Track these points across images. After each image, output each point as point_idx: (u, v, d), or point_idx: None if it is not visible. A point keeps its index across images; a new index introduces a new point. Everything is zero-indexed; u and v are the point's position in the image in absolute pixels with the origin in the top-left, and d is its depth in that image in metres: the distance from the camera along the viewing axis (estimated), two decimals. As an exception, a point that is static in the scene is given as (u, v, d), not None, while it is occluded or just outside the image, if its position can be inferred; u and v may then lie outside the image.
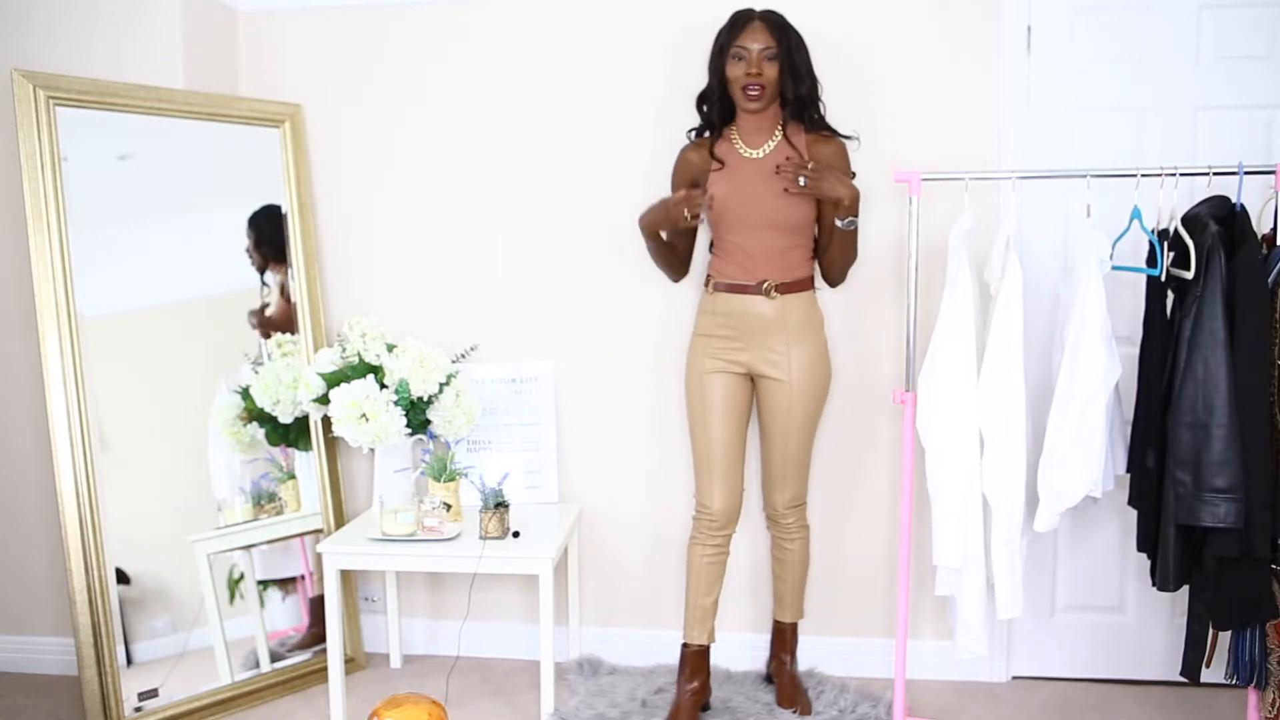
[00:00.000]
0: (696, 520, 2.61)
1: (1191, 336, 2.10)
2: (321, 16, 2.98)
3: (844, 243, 2.55)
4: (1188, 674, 2.28)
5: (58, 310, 2.54)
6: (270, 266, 2.92)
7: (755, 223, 2.50)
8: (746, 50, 2.42)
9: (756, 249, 2.51)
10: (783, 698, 2.70)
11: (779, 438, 2.60)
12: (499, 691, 2.86)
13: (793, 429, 2.58)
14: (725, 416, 2.56)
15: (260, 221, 2.90)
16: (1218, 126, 2.66)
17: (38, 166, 2.53)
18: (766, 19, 2.44)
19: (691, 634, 2.61)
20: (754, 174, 2.51)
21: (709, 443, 2.56)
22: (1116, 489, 2.46)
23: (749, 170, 2.51)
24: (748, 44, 2.42)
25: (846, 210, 2.44)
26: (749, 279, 2.53)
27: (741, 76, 2.43)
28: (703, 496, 2.58)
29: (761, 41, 2.41)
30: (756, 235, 2.51)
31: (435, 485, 2.74)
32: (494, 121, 2.95)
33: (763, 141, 2.53)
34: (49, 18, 2.81)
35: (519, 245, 2.97)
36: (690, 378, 2.62)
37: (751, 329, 2.54)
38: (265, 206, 2.92)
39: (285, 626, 2.91)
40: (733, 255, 2.54)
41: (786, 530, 2.69)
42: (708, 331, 2.59)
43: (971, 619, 2.40)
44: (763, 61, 2.42)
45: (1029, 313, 2.41)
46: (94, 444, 2.57)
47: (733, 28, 2.45)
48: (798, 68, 2.46)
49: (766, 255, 2.52)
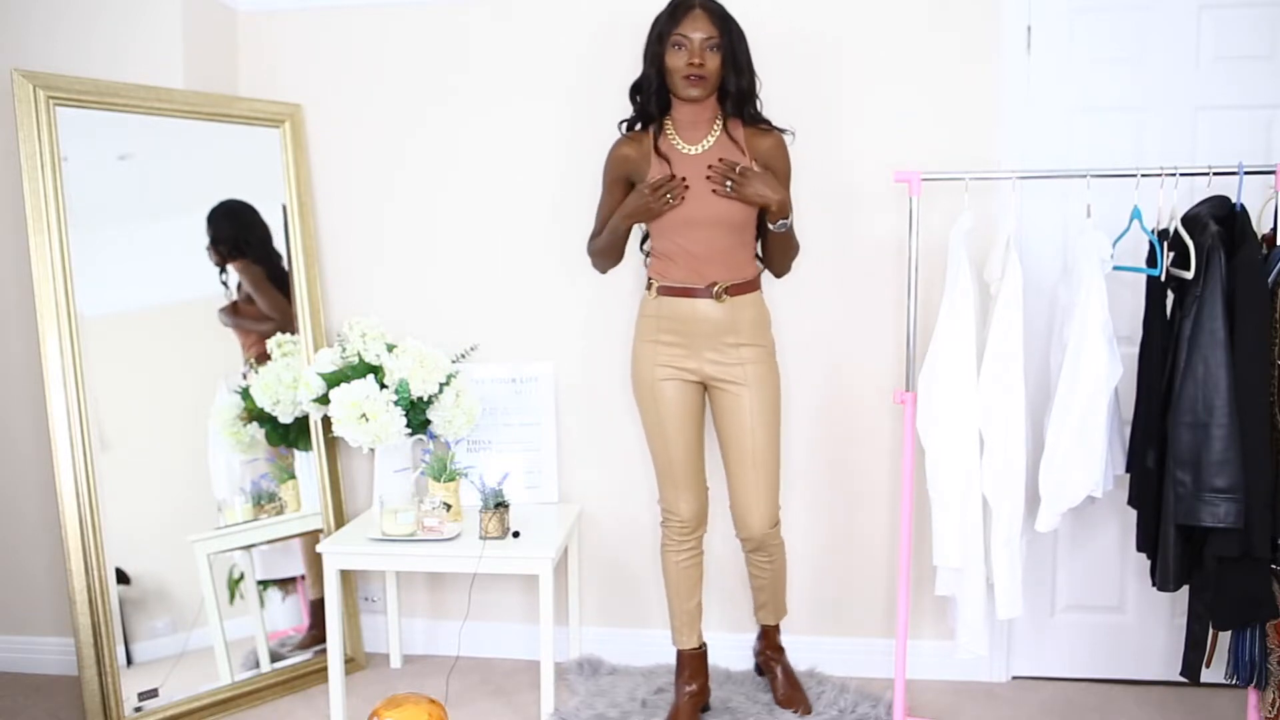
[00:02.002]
0: (666, 527, 2.58)
1: (1191, 336, 2.10)
2: (322, 16, 2.98)
3: (781, 242, 2.49)
4: (1188, 674, 2.28)
5: (58, 310, 2.54)
6: (230, 263, 2.87)
7: (700, 221, 2.40)
8: (687, 39, 2.31)
9: (701, 249, 2.41)
10: (784, 698, 2.70)
11: (746, 448, 2.47)
12: (499, 691, 2.86)
13: (758, 436, 2.46)
14: (682, 423, 2.50)
15: (217, 219, 2.84)
16: (1218, 126, 2.66)
17: (38, 166, 2.53)
18: (708, 7, 2.34)
19: (680, 639, 2.61)
20: (695, 171, 2.39)
21: (669, 452, 2.52)
22: (1116, 489, 2.46)
23: (689, 167, 2.40)
24: (689, 32, 2.31)
25: (776, 214, 2.39)
26: (697, 281, 2.43)
27: (683, 66, 2.32)
28: (669, 504, 2.56)
29: (704, 30, 2.31)
30: (701, 235, 2.41)
31: (435, 485, 2.74)
32: (495, 121, 2.95)
33: (701, 136, 2.42)
34: (49, 18, 2.81)
35: (519, 245, 2.97)
36: (640, 388, 2.53)
37: (702, 333, 2.45)
38: (222, 203, 2.86)
39: (285, 626, 2.91)
40: (677, 257, 2.44)
41: (764, 552, 2.58)
42: (652, 337, 2.49)
43: (971, 619, 2.40)
44: (704, 51, 2.32)
45: (1029, 313, 2.41)
46: (94, 444, 2.57)
47: (673, 15, 2.34)
48: (739, 59, 2.37)
49: (712, 256, 2.42)
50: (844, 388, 2.84)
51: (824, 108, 2.75)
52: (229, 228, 2.87)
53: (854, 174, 2.77)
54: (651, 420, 2.53)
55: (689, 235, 2.42)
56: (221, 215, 2.87)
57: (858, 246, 2.79)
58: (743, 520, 2.53)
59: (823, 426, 2.88)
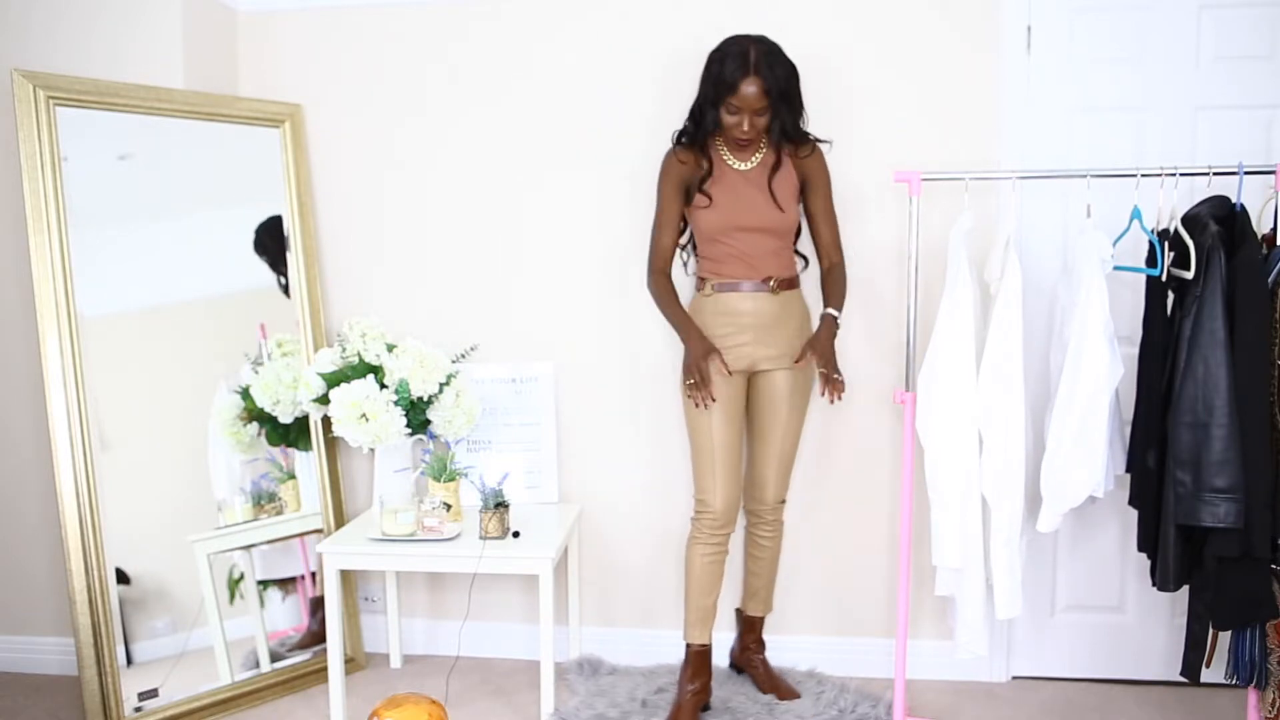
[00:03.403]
0: (698, 520, 2.61)
1: (1191, 336, 2.10)
2: (322, 16, 2.98)
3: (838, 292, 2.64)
4: (1188, 674, 2.28)
5: (58, 310, 2.54)
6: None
7: (752, 228, 2.54)
8: (740, 108, 2.43)
9: (753, 251, 2.56)
10: (769, 687, 2.73)
11: (777, 432, 2.63)
12: (499, 691, 2.86)
13: (791, 423, 2.63)
14: (727, 416, 2.56)
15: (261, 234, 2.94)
16: (1218, 126, 2.66)
17: (38, 166, 2.53)
18: (761, 72, 2.40)
19: (693, 634, 2.62)
20: (746, 184, 2.55)
21: (713, 443, 2.56)
22: (1116, 489, 2.46)
23: (740, 181, 2.55)
24: (742, 104, 2.42)
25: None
26: (754, 275, 2.56)
27: (734, 128, 2.46)
28: (705, 494, 2.58)
29: (755, 101, 2.41)
30: (752, 239, 2.55)
31: (435, 485, 2.74)
32: (494, 122, 2.95)
33: (749, 155, 2.57)
34: (49, 18, 2.81)
35: (519, 245, 2.97)
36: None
37: (760, 325, 2.57)
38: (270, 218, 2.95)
39: (285, 626, 2.91)
40: (729, 258, 2.57)
41: (769, 525, 2.72)
42: (710, 332, 2.58)
43: (971, 619, 2.40)
44: (754, 117, 2.44)
45: (1029, 313, 2.41)
46: (94, 444, 2.57)
47: (727, 77, 2.41)
48: (790, 100, 2.48)
49: (763, 255, 2.56)
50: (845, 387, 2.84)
51: (824, 107, 2.75)
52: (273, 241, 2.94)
53: (854, 174, 2.77)
54: (700, 411, 2.55)
55: (742, 239, 2.56)
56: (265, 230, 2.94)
57: (858, 246, 2.79)
58: (761, 488, 2.68)
59: (823, 426, 2.88)
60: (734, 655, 2.89)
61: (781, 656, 2.87)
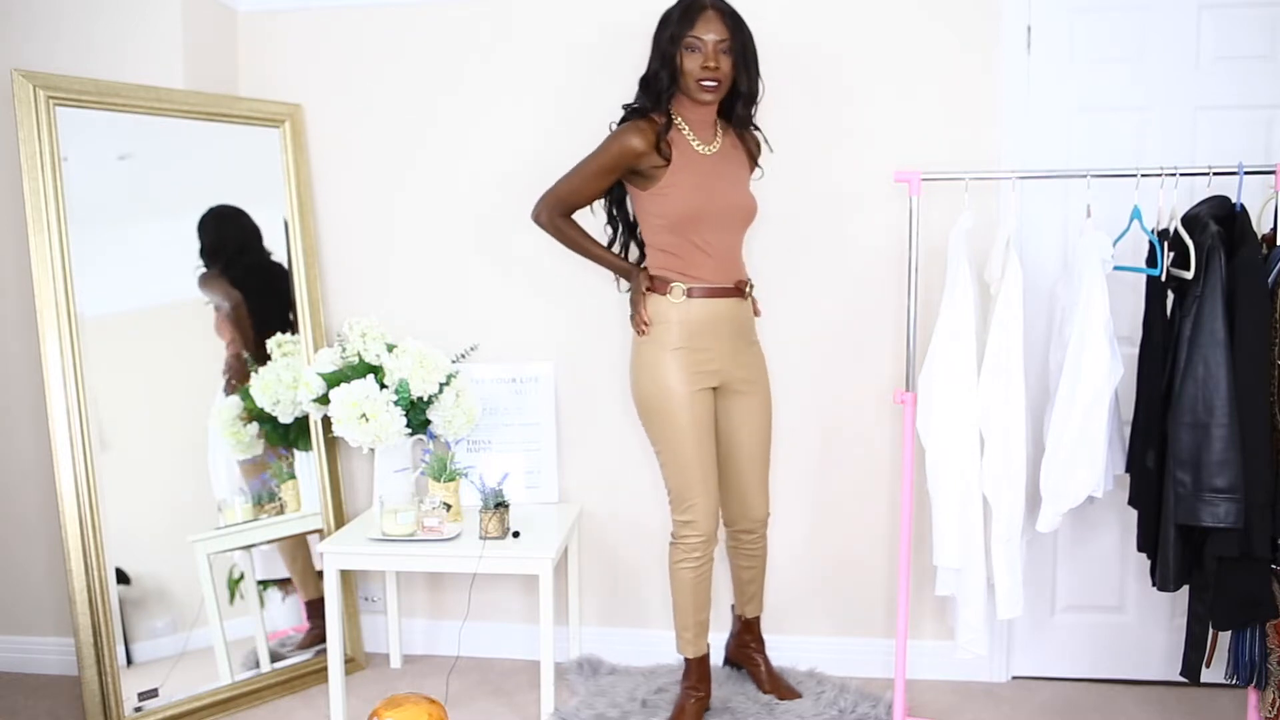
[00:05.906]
0: (682, 543, 2.47)
1: (1191, 336, 2.10)
2: (322, 16, 2.98)
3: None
4: (1188, 674, 2.28)
5: (58, 310, 2.54)
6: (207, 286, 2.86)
7: (725, 220, 2.41)
8: (701, 41, 2.28)
9: (721, 247, 2.42)
10: (771, 687, 2.72)
11: (758, 451, 2.56)
12: (499, 691, 2.86)
13: (767, 438, 2.59)
14: (708, 432, 2.46)
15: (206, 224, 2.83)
16: (1218, 126, 2.66)
17: (38, 166, 2.53)
18: (720, 8, 2.31)
19: (692, 648, 2.57)
20: (713, 171, 2.40)
21: (693, 462, 2.42)
22: (1116, 489, 2.46)
23: (708, 167, 2.40)
24: (703, 35, 2.28)
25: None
26: (726, 280, 2.43)
27: (697, 69, 2.30)
28: (689, 515, 2.45)
29: (717, 33, 2.28)
30: (723, 234, 2.42)
31: (435, 485, 2.74)
32: (495, 121, 2.95)
33: (711, 137, 2.43)
34: (49, 18, 2.81)
35: (519, 245, 2.97)
36: (672, 399, 2.40)
37: (732, 334, 2.46)
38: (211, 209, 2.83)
39: (285, 626, 2.91)
40: (699, 258, 2.40)
41: (758, 535, 2.65)
42: (683, 344, 2.40)
43: (972, 619, 2.40)
44: (719, 54, 2.30)
45: (1029, 313, 2.41)
46: (94, 444, 2.57)
47: (686, 15, 2.30)
48: (749, 61, 2.36)
49: (730, 254, 2.45)
50: (844, 387, 2.85)
51: (825, 107, 2.75)
52: (217, 235, 2.83)
53: (854, 173, 2.77)
54: (678, 432, 2.41)
55: (714, 234, 2.39)
56: (210, 220, 2.83)
57: (858, 246, 2.79)
58: (750, 509, 2.62)
59: (823, 426, 2.88)
60: (729, 650, 2.87)
61: (781, 656, 2.86)
